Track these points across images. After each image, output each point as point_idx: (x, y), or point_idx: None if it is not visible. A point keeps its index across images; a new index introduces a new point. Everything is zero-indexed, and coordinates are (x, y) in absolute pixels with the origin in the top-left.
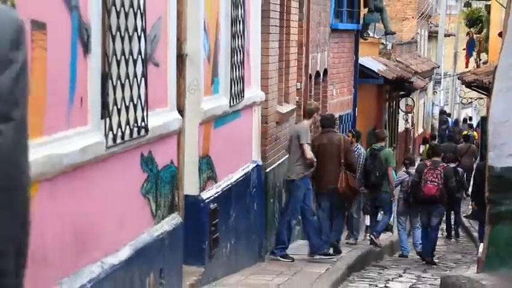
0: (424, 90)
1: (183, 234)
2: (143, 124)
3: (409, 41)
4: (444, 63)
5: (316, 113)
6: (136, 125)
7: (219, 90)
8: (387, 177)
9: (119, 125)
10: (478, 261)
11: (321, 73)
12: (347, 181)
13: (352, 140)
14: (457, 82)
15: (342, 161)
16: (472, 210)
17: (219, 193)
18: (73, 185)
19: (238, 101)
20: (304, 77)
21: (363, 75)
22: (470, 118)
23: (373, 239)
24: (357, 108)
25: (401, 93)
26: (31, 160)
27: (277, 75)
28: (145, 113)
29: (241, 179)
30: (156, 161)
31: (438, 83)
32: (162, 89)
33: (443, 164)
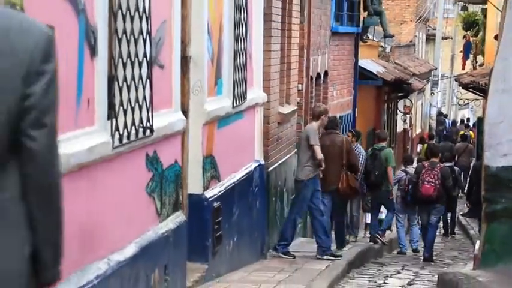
0: (422, 91)
1: (187, 232)
2: (148, 125)
3: (408, 44)
4: (441, 65)
5: (325, 115)
6: (141, 125)
7: (223, 91)
8: (387, 176)
9: (125, 126)
10: (474, 258)
11: (322, 75)
12: (347, 181)
13: (352, 139)
14: (454, 84)
15: (344, 161)
16: (468, 208)
17: (222, 192)
18: (80, 184)
19: (241, 102)
20: (305, 78)
21: (363, 77)
22: (468, 119)
23: (379, 237)
24: (356, 109)
25: (399, 95)
26: None
27: (278, 77)
28: (150, 113)
29: (244, 178)
30: (161, 160)
31: (436, 84)
32: (167, 91)
33: (441, 164)
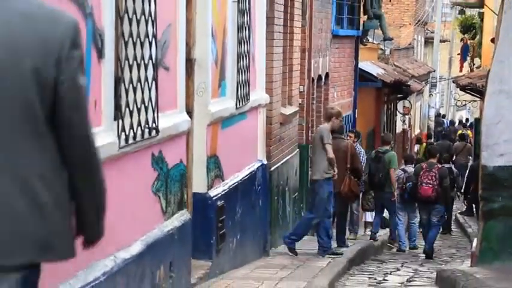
0: (420, 93)
1: (192, 230)
2: (154, 125)
3: (406, 47)
4: (440, 67)
5: (336, 117)
6: (147, 126)
7: (226, 93)
8: (389, 178)
9: (131, 126)
10: (472, 255)
11: (323, 77)
12: (350, 186)
13: (354, 139)
14: (452, 85)
15: (348, 166)
16: (466, 207)
17: (226, 191)
18: None
19: (244, 103)
20: (307, 80)
21: (363, 78)
22: (467, 120)
23: (391, 244)
24: (356, 110)
25: (398, 96)
26: None
27: (281, 79)
28: (155, 114)
29: (247, 177)
30: (166, 160)
31: (434, 86)
32: (172, 92)
33: (438, 165)
